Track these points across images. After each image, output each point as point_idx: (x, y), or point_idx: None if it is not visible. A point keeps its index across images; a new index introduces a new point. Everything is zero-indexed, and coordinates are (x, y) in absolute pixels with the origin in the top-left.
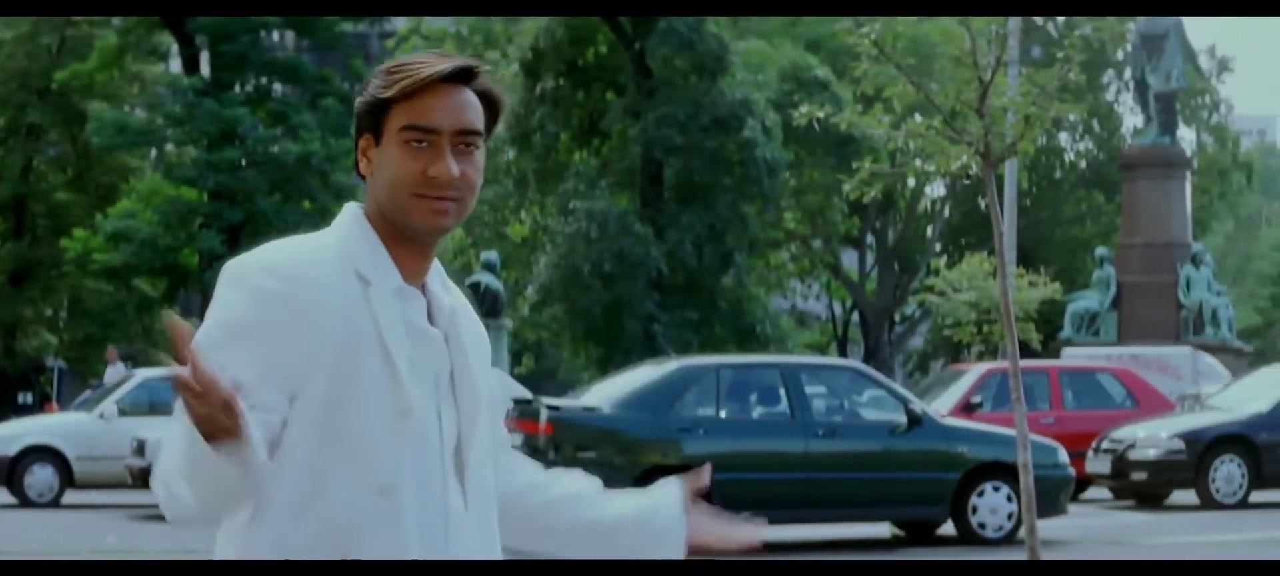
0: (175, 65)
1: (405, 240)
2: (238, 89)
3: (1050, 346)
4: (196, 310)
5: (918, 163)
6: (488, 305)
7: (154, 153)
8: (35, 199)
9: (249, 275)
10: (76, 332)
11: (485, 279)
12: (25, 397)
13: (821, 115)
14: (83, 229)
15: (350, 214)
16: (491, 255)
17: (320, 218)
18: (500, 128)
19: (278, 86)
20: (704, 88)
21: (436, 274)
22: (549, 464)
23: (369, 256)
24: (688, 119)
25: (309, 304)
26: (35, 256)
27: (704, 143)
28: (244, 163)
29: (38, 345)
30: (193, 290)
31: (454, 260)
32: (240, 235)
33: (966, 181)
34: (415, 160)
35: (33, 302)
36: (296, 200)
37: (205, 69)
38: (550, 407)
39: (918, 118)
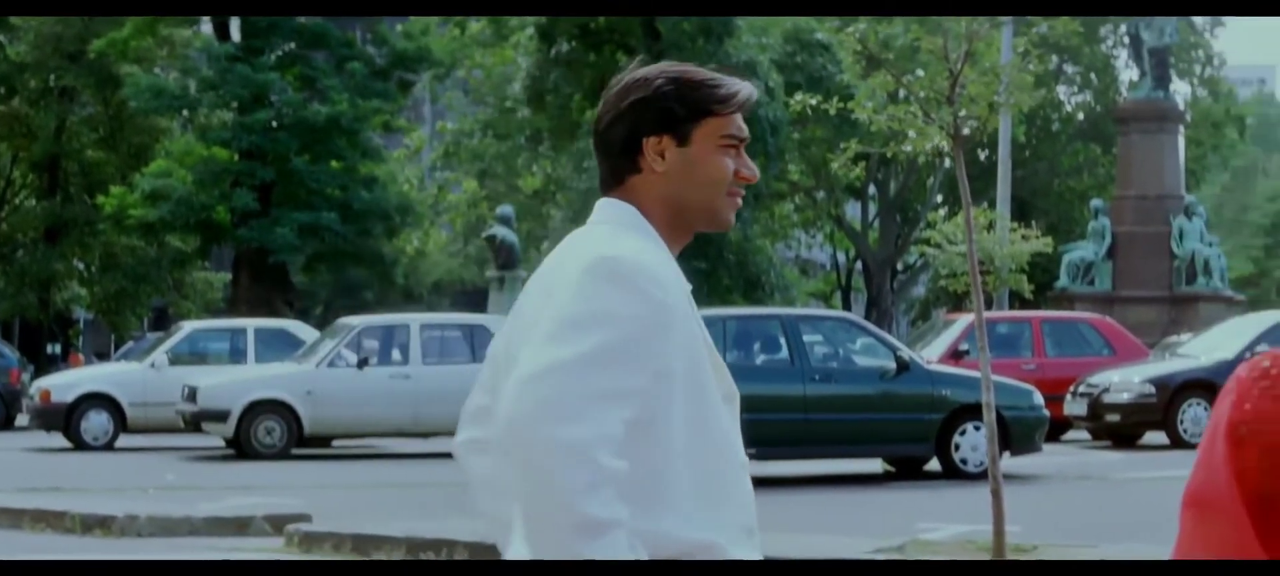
0: (205, 27)
1: (680, 232)
2: (267, 55)
3: (1046, 296)
4: (227, 264)
5: (900, 146)
6: (504, 257)
7: (184, 114)
8: (68, 158)
9: (635, 279)
10: (108, 287)
11: (501, 232)
12: (53, 348)
13: (814, 103)
14: (117, 187)
15: (635, 218)
16: (507, 209)
17: (348, 176)
18: (516, 87)
19: (305, 51)
20: (711, 49)
21: None
22: None
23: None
24: None
25: (683, 316)
26: (69, 214)
27: None
28: (275, 124)
29: (68, 298)
30: (225, 244)
31: (468, 212)
32: (272, 193)
33: (938, 159)
34: (730, 163)
35: (65, 257)
36: (325, 160)
37: (235, 34)
38: None
39: (913, 78)
